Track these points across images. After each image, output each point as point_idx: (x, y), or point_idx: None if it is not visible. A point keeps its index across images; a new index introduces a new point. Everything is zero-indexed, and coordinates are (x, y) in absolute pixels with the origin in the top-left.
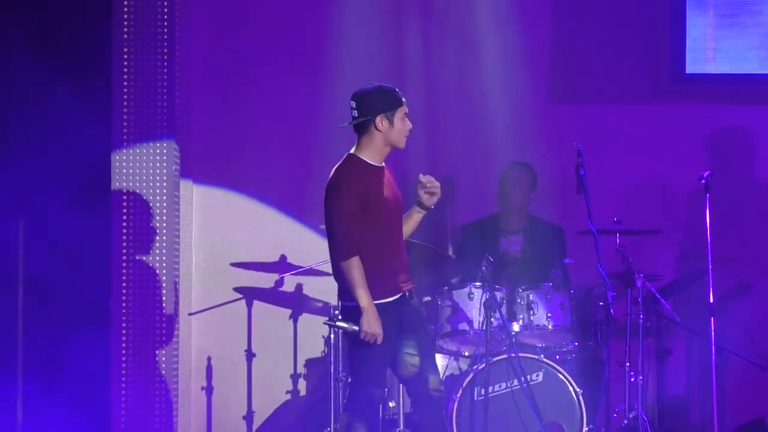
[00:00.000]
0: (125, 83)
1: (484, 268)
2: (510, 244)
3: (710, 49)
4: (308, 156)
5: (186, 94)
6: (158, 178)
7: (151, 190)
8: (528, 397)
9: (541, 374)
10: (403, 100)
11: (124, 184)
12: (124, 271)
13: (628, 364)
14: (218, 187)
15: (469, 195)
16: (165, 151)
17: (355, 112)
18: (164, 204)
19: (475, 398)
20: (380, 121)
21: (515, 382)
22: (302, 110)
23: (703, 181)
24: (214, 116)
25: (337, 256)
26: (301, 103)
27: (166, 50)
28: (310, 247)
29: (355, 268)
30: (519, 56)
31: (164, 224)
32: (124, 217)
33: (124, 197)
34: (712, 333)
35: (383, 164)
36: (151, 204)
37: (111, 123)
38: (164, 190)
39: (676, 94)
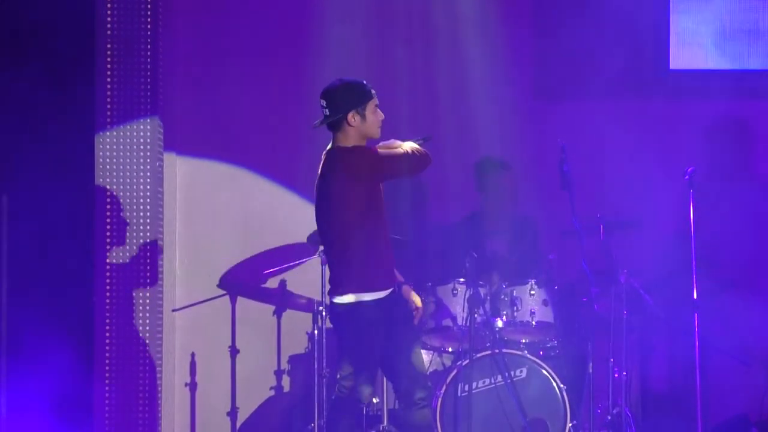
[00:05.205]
0: (108, 61)
1: (467, 264)
2: (496, 242)
3: (694, 45)
4: (294, 128)
5: (169, 69)
6: (142, 171)
7: (135, 186)
8: (512, 393)
9: (524, 370)
10: (373, 92)
11: (108, 180)
12: (107, 268)
13: (612, 359)
14: (201, 158)
15: (453, 193)
16: (149, 133)
17: (327, 110)
18: (148, 201)
19: (459, 394)
20: (352, 117)
21: (499, 378)
22: (284, 83)
23: (687, 177)
24: (198, 89)
25: (425, 161)
26: (283, 75)
27: (149, 25)
28: (294, 243)
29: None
30: (502, 53)
31: (148, 221)
32: (108, 214)
33: (108, 194)
34: (696, 329)
35: None
36: (134, 201)
37: (95, 104)
38: (148, 187)
39: (660, 90)
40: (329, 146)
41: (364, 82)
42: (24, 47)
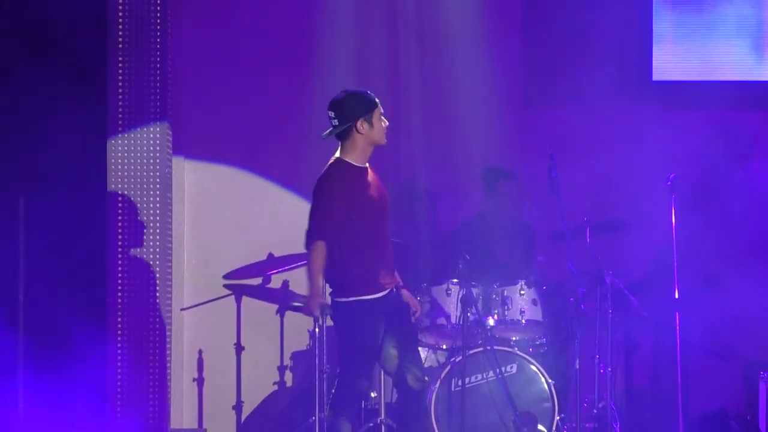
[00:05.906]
0: (119, 69)
1: (460, 265)
2: (498, 246)
3: (676, 56)
4: (298, 132)
5: (178, 75)
6: (152, 175)
7: (145, 190)
8: (503, 387)
9: (515, 366)
10: (377, 100)
11: (120, 185)
12: (119, 268)
13: (597, 356)
14: (209, 162)
15: (444, 199)
16: (158, 138)
17: (335, 120)
18: (157, 205)
19: (453, 389)
20: (361, 125)
21: (491, 373)
22: (291, 88)
23: (669, 183)
24: (205, 94)
25: (307, 241)
26: (290, 80)
27: (158, 29)
28: (297, 245)
29: (318, 252)
30: (491, 62)
31: (158, 224)
32: (119, 218)
33: (120, 198)
34: (677, 327)
35: (367, 165)
36: (144, 204)
37: (107, 109)
38: (158, 191)
39: (643, 100)
40: (336, 154)
41: (369, 91)
42: (36, 56)
